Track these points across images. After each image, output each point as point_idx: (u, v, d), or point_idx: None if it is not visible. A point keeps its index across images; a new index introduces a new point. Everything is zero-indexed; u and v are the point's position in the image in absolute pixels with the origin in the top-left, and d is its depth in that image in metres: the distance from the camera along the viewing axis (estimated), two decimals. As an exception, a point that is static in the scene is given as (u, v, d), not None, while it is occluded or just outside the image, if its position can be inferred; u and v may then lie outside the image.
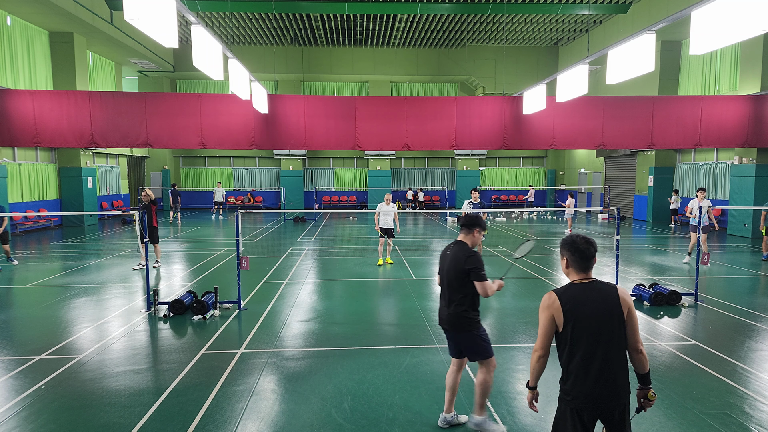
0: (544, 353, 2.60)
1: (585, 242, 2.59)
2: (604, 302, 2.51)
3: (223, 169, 29.38)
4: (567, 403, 2.52)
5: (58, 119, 13.88)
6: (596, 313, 2.48)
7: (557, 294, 2.56)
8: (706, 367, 5.18)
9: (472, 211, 10.69)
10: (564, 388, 2.56)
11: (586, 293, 2.54)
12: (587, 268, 2.60)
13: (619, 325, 2.50)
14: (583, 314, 2.48)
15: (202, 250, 13.17)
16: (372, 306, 7.80)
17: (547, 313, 2.55)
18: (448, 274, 3.80)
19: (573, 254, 2.60)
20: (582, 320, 2.48)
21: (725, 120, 15.10)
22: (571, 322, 2.50)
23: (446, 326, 3.93)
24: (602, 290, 2.55)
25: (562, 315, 2.51)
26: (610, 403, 2.48)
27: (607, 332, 2.48)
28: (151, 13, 6.05)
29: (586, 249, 2.58)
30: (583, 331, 2.48)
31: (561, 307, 2.51)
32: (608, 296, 2.53)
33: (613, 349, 2.48)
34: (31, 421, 4.11)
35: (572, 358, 2.51)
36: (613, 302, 2.51)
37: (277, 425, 4.04)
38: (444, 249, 3.98)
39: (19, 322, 6.87)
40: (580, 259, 2.59)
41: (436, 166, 30.27)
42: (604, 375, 2.45)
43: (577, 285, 2.59)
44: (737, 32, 6.14)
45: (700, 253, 7.77)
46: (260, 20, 21.97)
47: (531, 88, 14.07)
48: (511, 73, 26.30)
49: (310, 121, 14.75)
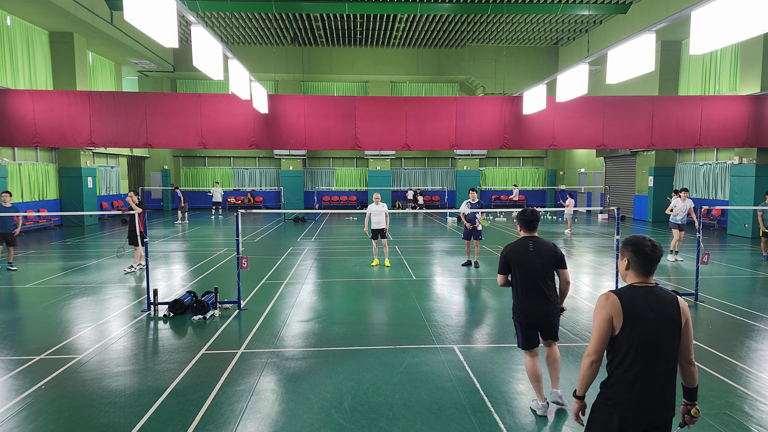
0: (598, 358, 2.44)
1: (651, 245, 2.45)
2: (664, 310, 2.39)
3: (223, 169, 29.38)
4: (609, 408, 2.40)
5: (57, 119, 13.88)
6: (656, 320, 2.37)
7: (617, 294, 2.42)
8: (706, 367, 5.18)
9: (470, 211, 10.70)
10: (606, 393, 2.44)
11: (647, 297, 2.42)
12: (649, 272, 2.47)
13: (675, 335, 2.39)
14: (644, 319, 2.37)
15: (202, 250, 13.17)
16: (372, 306, 7.80)
17: (605, 313, 2.41)
18: (542, 269, 4.08)
19: (637, 256, 2.46)
20: (641, 325, 2.36)
21: (725, 120, 15.10)
22: (629, 325, 2.36)
23: (544, 320, 4.14)
24: (663, 297, 2.43)
25: (622, 317, 2.37)
26: (657, 415, 2.36)
27: (665, 341, 2.37)
28: (151, 13, 6.05)
29: (651, 252, 2.44)
30: (641, 337, 2.35)
31: (621, 308, 2.38)
32: (669, 304, 2.41)
33: (668, 360, 2.39)
34: (31, 421, 4.11)
35: (624, 363, 2.38)
36: (673, 311, 2.40)
37: (277, 425, 4.04)
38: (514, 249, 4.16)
39: (19, 322, 6.87)
40: (644, 262, 2.45)
41: (436, 166, 30.27)
42: (656, 385, 2.36)
43: (638, 288, 2.46)
44: (737, 32, 6.14)
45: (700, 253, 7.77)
46: (260, 20, 21.97)
47: (531, 88, 14.07)
48: (511, 73, 26.31)
49: (310, 121, 14.75)
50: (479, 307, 7.71)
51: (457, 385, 4.76)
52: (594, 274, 10.17)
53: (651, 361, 2.36)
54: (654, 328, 2.37)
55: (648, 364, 2.36)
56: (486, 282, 9.39)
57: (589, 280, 9.54)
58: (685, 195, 11.48)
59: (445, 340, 6.04)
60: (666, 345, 2.38)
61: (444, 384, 4.79)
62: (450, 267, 10.84)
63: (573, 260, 11.77)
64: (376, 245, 10.97)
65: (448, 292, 8.64)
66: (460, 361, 5.39)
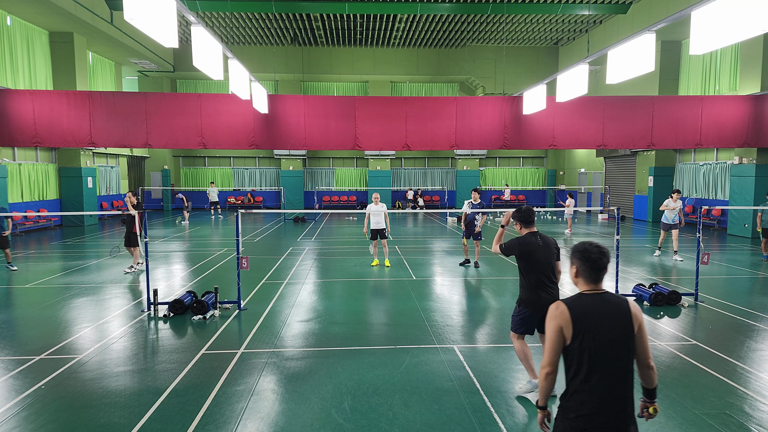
0: (552, 369, 2.40)
1: (598, 251, 2.41)
2: (615, 316, 2.35)
3: (223, 169, 29.39)
4: (569, 422, 2.33)
5: (57, 119, 13.87)
6: (607, 327, 2.33)
7: (566, 304, 2.38)
8: (706, 367, 5.18)
9: (471, 211, 10.71)
10: (566, 405, 2.37)
11: (597, 304, 2.38)
12: (598, 279, 2.44)
13: (629, 342, 2.35)
14: (594, 327, 2.32)
15: (202, 250, 13.17)
16: (372, 306, 7.80)
17: (555, 324, 2.37)
18: (549, 262, 4.36)
19: (584, 263, 2.43)
20: (592, 334, 2.31)
21: (725, 120, 15.10)
22: (580, 334, 2.32)
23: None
24: (614, 303, 2.39)
25: (572, 327, 2.33)
26: (616, 425, 2.30)
27: (618, 348, 2.33)
28: (151, 13, 6.05)
29: (598, 259, 2.41)
30: (593, 346, 2.30)
31: (570, 318, 2.34)
32: (620, 310, 2.37)
33: (623, 367, 2.33)
34: (31, 421, 4.11)
35: (578, 374, 2.33)
36: (624, 317, 2.36)
37: (277, 425, 4.04)
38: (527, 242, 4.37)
39: (19, 322, 6.87)
40: (591, 269, 2.42)
41: (436, 166, 30.27)
42: (612, 394, 2.30)
43: (587, 296, 2.42)
44: (737, 32, 6.14)
45: (700, 253, 7.77)
46: (260, 20, 21.97)
47: (531, 88, 14.07)
48: (511, 73, 26.30)
49: (310, 121, 14.75)
50: (479, 307, 7.71)
51: (457, 385, 4.76)
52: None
53: (605, 369, 2.31)
54: (605, 336, 2.32)
55: (603, 372, 2.30)
56: (486, 282, 9.39)
57: (589, 280, 9.53)
58: (677, 196, 11.67)
59: (445, 340, 6.04)
60: (619, 352, 2.33)
61: (444, 384, 4.79)
62: (450, 267, 10.84)
63: (573, 260, 11.75)
64: (376, 246, 10.96)
65: (448, 292, 8.64)
66: (460, 361, 5.39)
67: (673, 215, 11.67)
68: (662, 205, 12.03)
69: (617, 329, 2.34)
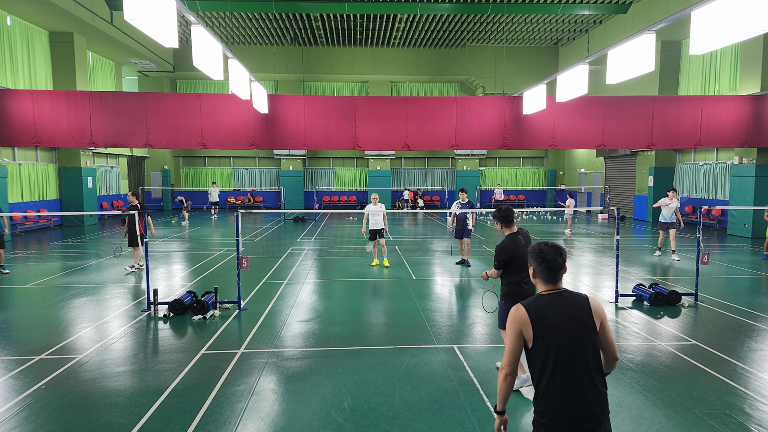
0: (511, 371, 2.37)
1: (553, 251, 2.40)
2: (574, 314, 2.33)
3: (223, 169, 29.39)
4: (541, 426, 2.31)
5: (57, 119, 13.87)
6: (567, 326, 2.30)
7: (524, 306, 2.36)
8: (706, 367, 5.18)
9: (460, 211, 10.77)
10: (538, 410, 2.34)
11: (555, 304, 2.36)
12: (555, 279, 2.42)
13: (592, 338, 2.31)
14: (553, 327, 2.29)
15: (202, 250, 13.17)
16: (372, 306, 7.80)
17: (514, 327, 2.34)
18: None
19: (539, 264, 2.42)
20: (552, 333, 2.29)
21: (725, 120, 15.10)
22: (540, 335, 2.30)
23: None
24: (572, 301, 2.37)
25: (531, 328, 2.31)
26: (588, 424, 2.26)
27: (581, 346, 2.29)
28: (151, 13, 6.04)
29: (553, 259, 2.39)
30: (554, 346, 2.28)
31: (529, 320, 2.31)
32: (579, 307, 2.35)
33: (588, 365, 2.29)
34: (31, 421, 4.11)
35: (543, 375, 2.30)
36: (584, 313, 2.33)
37: (277, 425, 4.04)
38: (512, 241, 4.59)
39: (19, 322, 6.87)
40: (547, 270, 2.40)
41: (436, 166, 30.27)
42: (580, 393, 2.25)
43: (545, 296, 2.40)
44: (737, 32, 6.14)
45: (700, 253, 7.77)
46: (260, 20, 21.97)
47: (531, 88, 14.07)
48: (511, 73, 26.30)
49: (310, 121, 14.75)
50: (479, 306, 7.70)
51: (457, 385, 4.76)
52: (594, 274, 10.17)
53: (570, 368, 2.27)
54: (566, 334, 2.29)
55: (568, 371, 2.27)
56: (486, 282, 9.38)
57: (589, 280, 9.54)
58: (672, 195, 11.70)
59: (445, 340, 6.04)
60: (583, 349, 2.29)
61: (444, 384, 4.79)
62: (450, 267, 10.84)
63: (573, 260, 11.76)
64: (375, 246, 10.96)
65: (448, 292, 8.64)
66: (460, 361, 5.39)
67: (670, 213, 11.72)
68: (657, 202, 12.13)
69: (577, 327, 2.31)
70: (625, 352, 5.66)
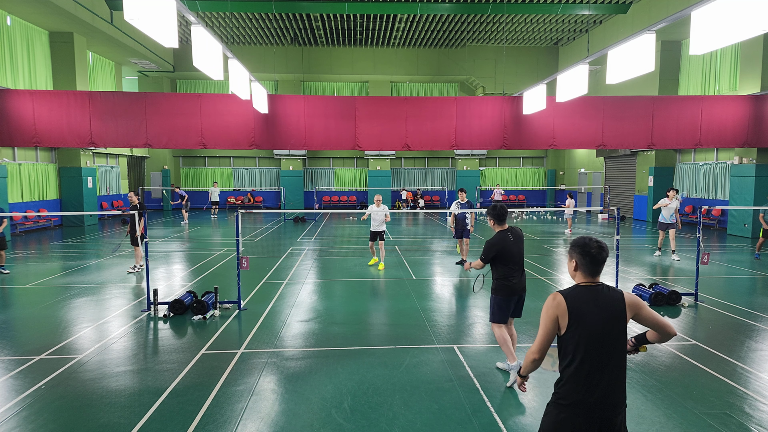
0: (540, 357, 2.50)
1: (598, 246, 2.48)
2: (610, 308, 2.42)
3: (223, 169, 29.38)
4: (561, 408, 2.40)
5: (57, 119, 13.87)
6: (602, 318, 2.39)
7: (563, 295, 2.45)
8: (706, 367, 5.18)
9: (460, 211, 10.77)
10: (558, 392, 2.44)
11: (593, 296, 2.44)
12: (596, 273, 2.50)
13: (622, 333, 2.41)
14: (589, 317, 2.39)
15: (202, 250, 13.17)
16: (372, 306, 7.80)
17: (551, 313, 2.44)
18: (521, 253, 4.89)
19: (584, 257, 2.49)
20: (587, 323, 2.38)
21: (725, 120, 15.10)
22: (575, 324, 2.39)
23: (523, 293, 4.96)
24: (609, 295, 2.45)
25: (567, 316, 2.40)
26: (608, 412, 2.36)
27: (612, 339, 2.38)
28: (151, 13, 6.05)
29: (598, 253, 2.47)
30: (587, 336, 2.37)
31: (567, 308, 2.41)
32: (615, 302, 2.43)
33: (615, 357, 2.39)
34: (31, 421, 4.11)
35: (572, 362, 2.39)
36: (619, 308, 2.42)
37: (277, 425, 4.04)
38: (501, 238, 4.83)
39: (19, 322, 6.87)
40: (591, 263, 2.48)
41: (436, 166, 30.27)
42: (604, 383, 2.35)
43: (583, 287, 2.49)
44: (737, 32, 6.14)
45: (700, 253, 7.77)
46: (260, 20, 21.97)
47: (531, 88, 14.07)
48: (511, 73, 26.30)
49: (310, 121, 14.75)
50: (479, 306, 7.70)
51: (457, 385, 4.76)
52: (594, 274, 10.16)
53: (599, 358, 2.37)
54: (600, 326, 2.38)
55: (596, 361, 2.37)
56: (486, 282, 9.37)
57: (589, 280, 9.53)
58: (672, 195, 11.69)
59: (445, 340, 6.04)
60: (613, 342, 2.39)
61: (444, 384, 4.79)
62: (450, 267, 10.84)
63: (573, 260, 11.75)
64: (372, 246, 10.93)
65: (448, 292, 8.64)
66: (460, 361, 5.39)
67: (670, 213, 11.72)
68: (657, 203, 12.13)
69: (611, 320, 2.40)
70: (625, 352, 5.66)
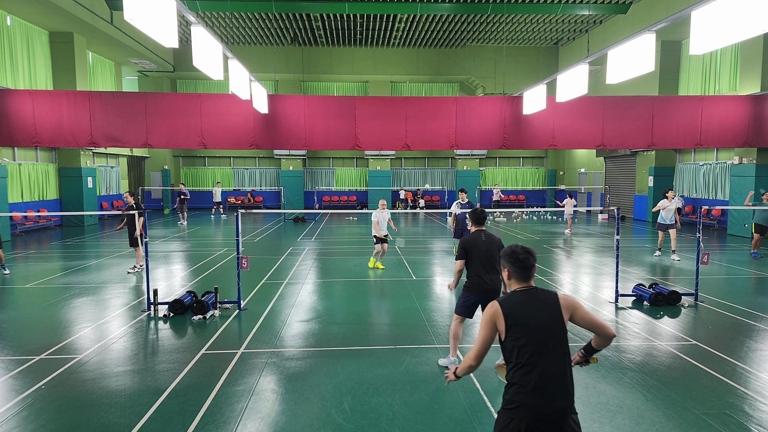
0: (476, 364, 2.59)
1: (524, 252, 2.60)
2: (546, 310, 2.49)
3: (223, 169, 29.39)
4: (509, 412, 2.42)
5: (57, 119, 13.87)
6: (537, 320, 2.46)
7: (499, 302, 2.55)
8: (706, 367, 5.18)
9: (460, 211, 10.79)
10: (506, 396, 2.48)
11: (528, 300, 2.53)
12: (528, 277, 2.60)
13: (561, 333, 2.46)
14: (526, 321, 2.46)
15: (202, 250, 13.17)
16: (372, 306, 7.80)
17: (488, 319, 2.53)
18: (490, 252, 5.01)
19: (513, 265, 2.60)
20: (524, 327, 2.45)
21: (725, 120, 15.10)
22: (513, 328, 2.46)
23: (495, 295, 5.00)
24: (543, 297, 2.54)
25: (504, 321, 2.48)
26: (551, 416, 2.37)
27: (550, 340, 2.44)
28: (151, 13, 6.05)
29: (525, 259, 2.59)
30: (526, 339, 2.43)
31: (503, 313, 2.49)
32: (550, 303, 2.51)
33: (557, 357, 2.42)
34: (31, 421, 4.11)
35: (515, 367, 2.45)
36: (554, 310, 2.49)
37: (277, 425, 4.04)
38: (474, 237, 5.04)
39: (19, 322, 6.87)
40: (520, 269, 2.59)
41: (436, 166, 30.28)
42: (547, 385, 2.38)
43: (518, 292, 2.58)
44: (737, 32, 6.14)
45: (700, 253, 7.77)
46: (260, 20, 21.97)
47: (531, 88, 14.07)
48: (511, 73, 26.30)
49: (310, 121, 14.75)
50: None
51: (457, 385, 4.76)
52: (594, 274, 10.17)
53: (540, 360, 2.41)
54: (537, 329, 2.45)
55: (538, 364, 2.41)
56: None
57: (589, 280, 9.54)
58: (672, 195, 11.73)
59: (445, 340, 6.04)
60: (552, 343, 2.44)
61: (444, 384, 4.79)
62: (450, 267, 10.84)
63: (573, 260, 11.77)
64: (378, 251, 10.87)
65: (448, 292, 8.63)
66: (460, 360, 5.39)
67: (670, 215, 11.73)
68: (656, 206, 12.14)
69: (548, 322, 2.47)
70: (625, 352, 5.66)
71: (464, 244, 5.05)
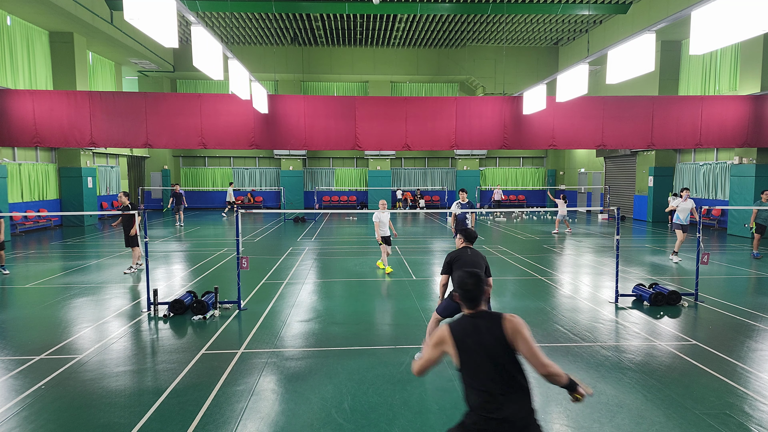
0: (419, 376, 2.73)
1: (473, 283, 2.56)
2: (490, 333, 2.45)
3: (223, 169, 29.39)
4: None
5: (57, 119, 13.88)
6: (482, 344, 2.43)
7: (449, 326, 2.54)
8: (706, 367, 5.18)
9: (460, 211, 10.77)
10: (463, 421, 2.47)
11: (474, 325, 2.50)
12: (477, 304, 2.57)
13: (507, 355, 2.41)
14: (471, 345, 2.44)
15: (202, 250, 13.17)
16: (372, 306, 7.80)
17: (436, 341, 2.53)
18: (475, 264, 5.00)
19: (462, 295, 2.59)
20: (470, 352, 2.44)
21: (725, 120, 15.10)
22: (462, 354, 2.45)
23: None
24: (488, 319, 2.50)
25: (454, 347, 2.47)
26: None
27: (499, 362, 2.40)
28: (151, 13, 6.05)
29: (474, 288, 2.56)
30: (473, 363, 2.43)
31: (452, 339, 2.47)
32: (493, 325, 2.46)
33: (509, 380, 2.39)
34: (31, 421, 4.11)
35: (470, 391, 2.44)
36: (499, 332, 2.44)
37: (277, 425, 4.04)
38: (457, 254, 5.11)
39: (19, 322, 6.87)
40: (467, 300, 2.57)
41: (436, 166, 30.27)
42: (502, 409, 2.35)
43: (467, 317, 2.57)
44: (737, 32, 6.14)
45: (700, 253, 7.77)
46: (260, 20, 21.97)
47: (531, 88, 14.07)
48: (511, 73, 26.30)
49: (310, 121, 14.75)
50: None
51: (457, 385, 4.76)
52: (594, 274, 10.17)
53: (490, 385, 2.38)
54: (484, 352, 2.42)
55: (488, 389, 2.38)
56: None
57: (589, 281, 9.54)
58: (686, 194, 11.41)
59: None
60: (502, 366, 2.40)
61: (444, 384, 4.80)
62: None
63: (573, 260, 11.77)
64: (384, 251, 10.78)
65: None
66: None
67: (685, 214, 11.42)
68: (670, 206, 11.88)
69: (494, 345, 2.43)
70: (625, 352, 5.67)
71: (449, 258, 5.12)
